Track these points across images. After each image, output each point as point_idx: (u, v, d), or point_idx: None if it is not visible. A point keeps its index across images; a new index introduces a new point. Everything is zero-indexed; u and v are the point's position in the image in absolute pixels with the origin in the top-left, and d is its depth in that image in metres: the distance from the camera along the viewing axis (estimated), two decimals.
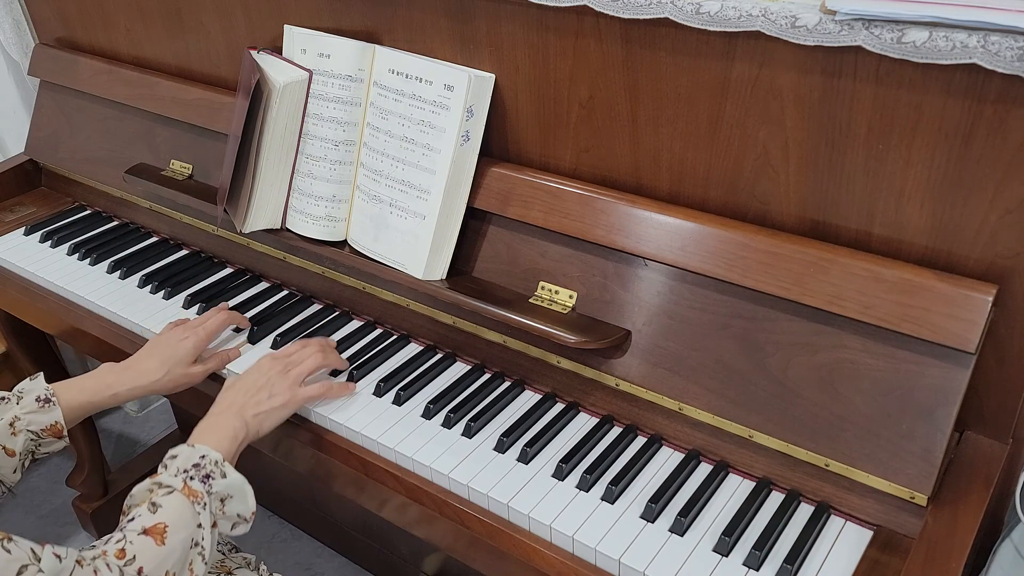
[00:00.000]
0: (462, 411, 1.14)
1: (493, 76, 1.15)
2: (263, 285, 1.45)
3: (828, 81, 0.93)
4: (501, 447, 1.08)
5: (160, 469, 0.99)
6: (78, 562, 0.84)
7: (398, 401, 1.17)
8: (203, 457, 0.99)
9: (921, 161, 0.91)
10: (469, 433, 1.11)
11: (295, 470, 1.22)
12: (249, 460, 1.03)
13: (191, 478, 0.97)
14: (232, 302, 1.39)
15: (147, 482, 0.96)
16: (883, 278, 0.93)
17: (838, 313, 0.95)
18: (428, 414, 1.14)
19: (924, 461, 0.91)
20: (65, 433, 1.12)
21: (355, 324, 1.34)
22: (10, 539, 0.81)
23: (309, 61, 1.25)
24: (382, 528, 1.74)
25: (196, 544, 0.94)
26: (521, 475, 1.05)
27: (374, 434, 1.11)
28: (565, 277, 1.14)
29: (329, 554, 1.92)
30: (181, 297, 1.42)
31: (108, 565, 0.86)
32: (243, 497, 1.01)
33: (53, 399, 1.10)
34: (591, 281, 1.12)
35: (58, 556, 0.82)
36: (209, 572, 1.14)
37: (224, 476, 0.99)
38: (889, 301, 0.92)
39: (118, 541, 0.89)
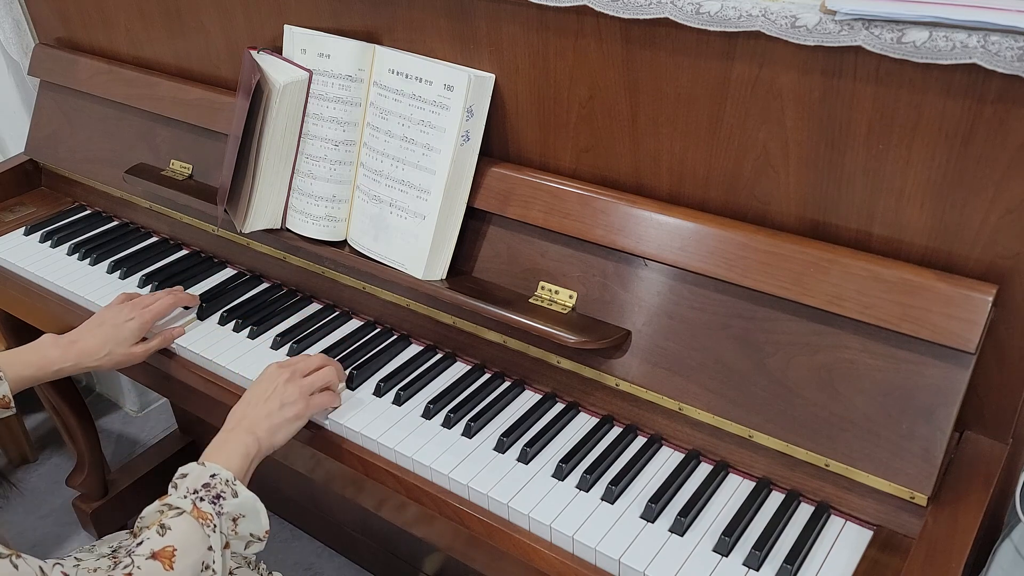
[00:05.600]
0: (462, 411, 1.14)
1: (493, 76, 1.15)
2: (263, 285, 1.45)
3: (828, 81, 0.93)
4: (501, 447, 1.08)
5: (170, 490, 0.98)
6: None
7: (398, 401, 1.17)
8: (213, 476, 0.97)
9: (921, 161, 0.91)
10: (469, 433, 1.11)
11: (295, 470, 1.22)
12: None
13: (201, 499, 0.95)
14: (232, 302, 1.39)
15: (156, 504, 0.96)
16: (883, 278, 0.93)
17: (838, 313, 0.95)
18: (428, 414, 1.14)
19: (924, 461, 0.91)
20: (12, 404, 1.15)
21: (355, 324, 1.34)
22: (19, 556, 0.80)
23: (309, 61, 1.25)
24: (382, 528, 1.74)
25: (207, 567, 0.93)
26: (521, 475, 1.05)
27: (374, 434, 1.11)
28: (565, 277, 1.14)
29: (329, 554, 1.92)
30: None
31: None
32: (256, 516, 1.00)
33: (0, 374, 1.14)
34: (591, 281, 1.12)
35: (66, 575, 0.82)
36: None
37: (236, 495, 0.98)
38: (889, 301, 0.92)
39: (126, 567, 0.88)
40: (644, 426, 1.10)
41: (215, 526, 0.94)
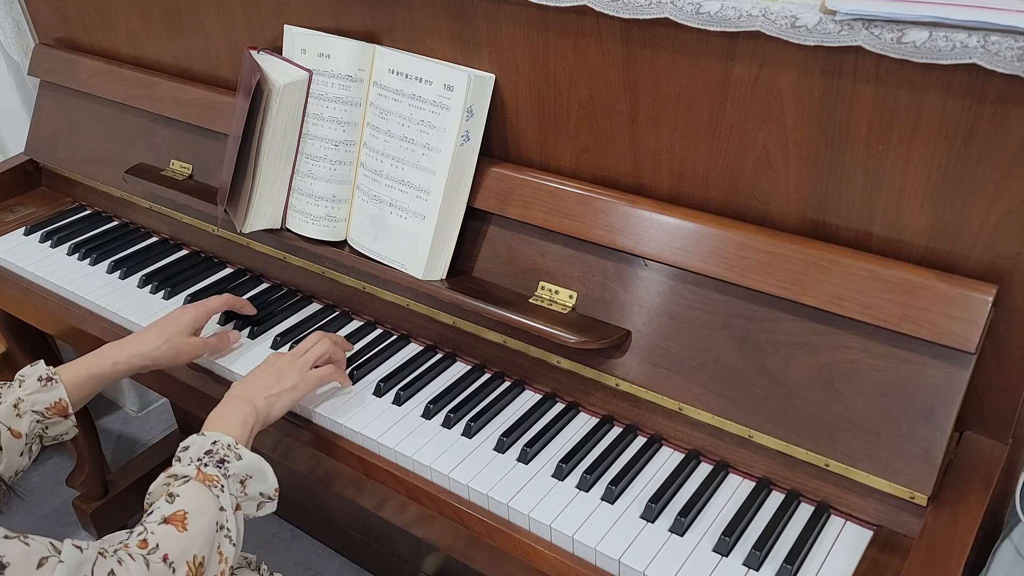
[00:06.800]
0: (462, 411, 1.14)
1: (493, 76, 1.15)
2: (263, 285, 1.45)
3: (828, 81, 0.93)
4: (501, 447, 1.08)
5: (174, 461, 0.99)
6: (100, 553, 0.84)
7: (398, 401, 1.17)
8: (215, 443, 0.99)
9: (921, 161, 0.91)
10: (469, 433, 1.11)
11: (295, 470, 1.22)
12: None
13: (205, 464, 0.97)
14: None
15: (162, 476, 0.97)
16: (883, 278, 0.93)
17: (838, 313, 0.95)
18: (428, 414, 1.14)
19: (924, 461, 0.91)
20: (71, 411, 1.13)
21: (355, 324, 1.34)
22: (27, 537, 0.81)
23: (309, 61, 1.25)
24: (382, 528, 1.74)
25: (221, 527, 0.93)
26: (521, 475, 1.05)
27: (374, 434, 1.11)
28: (565, 277, 1.14)
29: (329, 554, 1.92)
30: (181, 297, 1.42)
31: (131, 555, 0.86)
32: (263, 476, 1.01)
33: (55, 377, 1.12)
34: (591, 281, 1.12)
35: (79, 547, 0.82)
36: None
37: (240, 458, 0.99)
38: (889, 301, 0.92)
39: (139, 534, 0.89)
40: (644, 426, 1.10)
41: (223, 486, 0.95)
